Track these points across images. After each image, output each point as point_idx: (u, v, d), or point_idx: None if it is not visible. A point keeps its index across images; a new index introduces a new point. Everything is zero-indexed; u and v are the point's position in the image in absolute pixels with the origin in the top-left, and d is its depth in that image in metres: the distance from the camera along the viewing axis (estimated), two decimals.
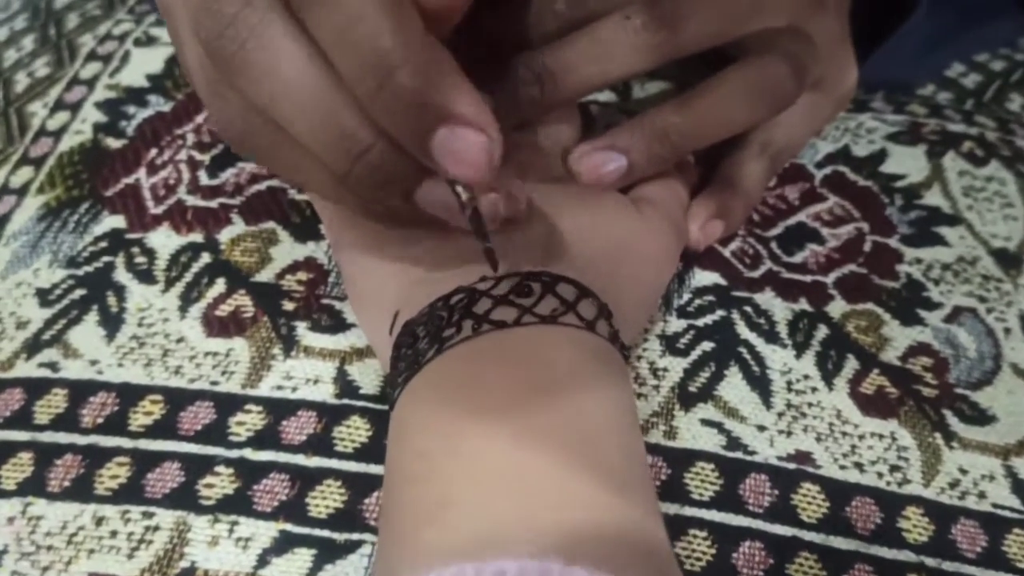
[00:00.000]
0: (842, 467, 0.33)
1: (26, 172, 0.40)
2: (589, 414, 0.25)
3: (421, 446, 0.25)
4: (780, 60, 0.34)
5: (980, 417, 0.35)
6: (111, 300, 0.36)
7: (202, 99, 0.27)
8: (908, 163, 0.43)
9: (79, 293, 0.36)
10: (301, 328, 0.35)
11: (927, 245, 0.40)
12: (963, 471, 0.33)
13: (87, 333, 0.35)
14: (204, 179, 0.39)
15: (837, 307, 0.37)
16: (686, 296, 0.37)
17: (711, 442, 0.33)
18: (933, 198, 0.42)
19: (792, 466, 0.33)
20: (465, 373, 0.26)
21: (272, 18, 0.23)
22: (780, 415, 0.34)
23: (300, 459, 0.32)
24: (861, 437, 0.34)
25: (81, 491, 0.31)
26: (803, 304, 0.37)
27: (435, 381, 0.27)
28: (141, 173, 0.39)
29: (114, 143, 0.41)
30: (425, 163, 0.24)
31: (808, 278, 0.38)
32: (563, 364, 0.26)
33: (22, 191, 0.39)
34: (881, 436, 0.34)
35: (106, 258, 0.37)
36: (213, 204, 0.38)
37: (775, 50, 0.34)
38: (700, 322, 0.36)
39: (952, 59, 0.50)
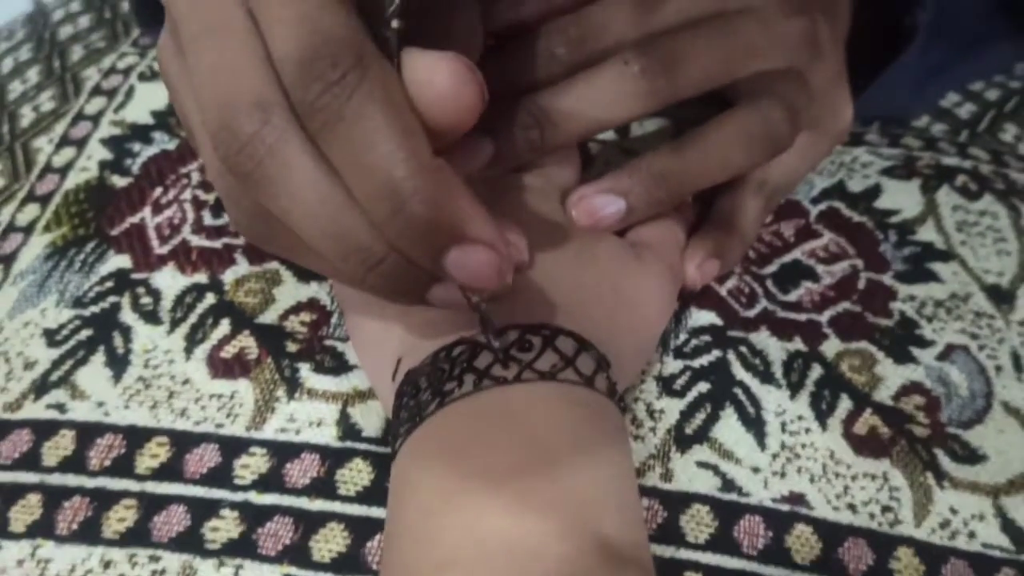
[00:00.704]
0: (835, 508, 0.34)
1: (32, 210, 0.41)
2: (588, 480, 0.26)
3: (424, 503, 0.26)
4: (775, 105, 0.34)
5: (971, 456, 0.35)
6: (117, 341, 0.36)
7: (221, 198, 0.27)
8: (902, 198, 0.43)
9: (86, 334, 0.37)
10: (304, 370, 0.36)
11: (920, 281, 0.40)
12: (954, 511, 0.34)
13: (94, 374, 0.36)
14: (208, 219, 0.40)
15: (831, 346, 0.38)
16: (683, 336, 0.37)
17: (706, 484, 0.34)
18: (927, 233, 0.42)
19: (786, 508, 0.33)
20: (467, 431, 0.27)
21: (289, 138, 0.23)
22: (775, 456, 0.34)
23: (304, 502, 0.32)
24: (854, 478, 0.34)
25: (89, 534, 0.32)
26: (798, 343, 0.38)
27: (437, 436, 0.27)
28: (146, 212, 0.40)
29: (120, 181, 0.41)
30: (438, 274, 0.25)
31: (803, 316, 0.39)
32: (562, 426, 0.27)
33: (28, 229, 0.40)
34: (874, 476, 0.34)
35: (112, 298, 0.38)
36: (217, 244, 0.39)
37: (771, 95, 0.34)
38: (696, 363, 0.37)
39: (947, 89, 0.50)
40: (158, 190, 0.41)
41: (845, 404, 0.36)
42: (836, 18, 0.38)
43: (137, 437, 0.34)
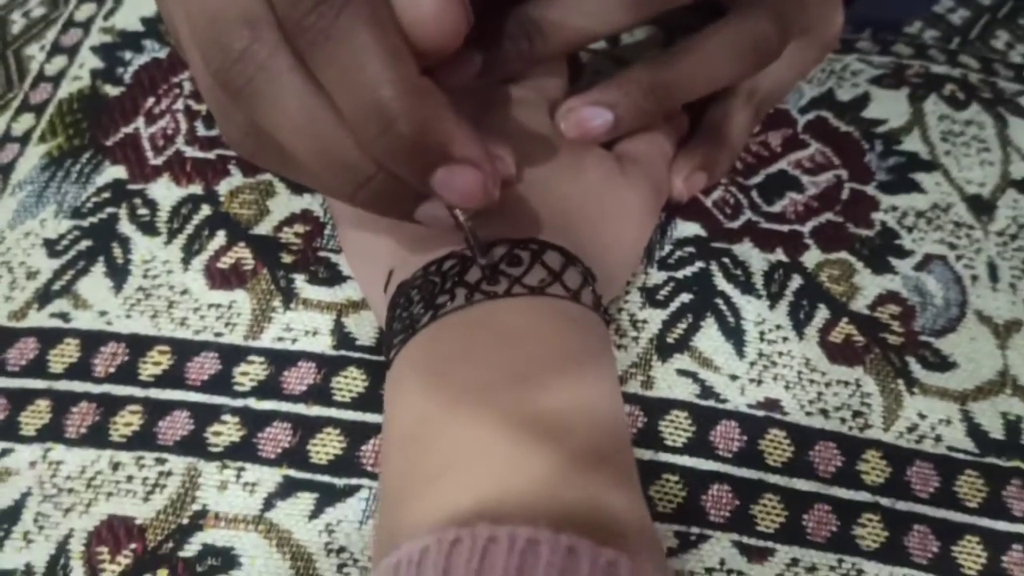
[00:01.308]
0: (808, 413, 0.35)
1: (27, 119, 0.41)
2: (572, 391, 0.28)
3: (421, 410, 0.28)
4: (765, 16, 0.34)
5: (941, 363, 0.37)
6: (116, 252, 0.37)
7: (212, 112, 0.28)
8: (890, 107, 0.44)
9: (85, 244, 0.38)
10: (299, 281, 0.37)
11: (903, 192, 0.41)
12: (922, 416, 0.36)
13: (95, 284, 0.37)
14: (201, 129, 0.40)
15: (812, 257, 0.39)
16: (667, 248, 0.38)
17: (686, 391, 0.35)
18: (912, 143, 0.43)
19: (761, 413, 0.35)
20: (460, 343, 0.28)
21: (279, 55, 0.23)
22: (752, 364, 0.36)
23: (301, 408, 0.34)
24: (828, 385, 0.36)
25: (97, 437, 0.34)
26: (779, 254, 0.39)
27: (431, 347, 0.29)
28: (140, 122, 0.41)
29: (112, 90, 0.42)
30: (425, 192, 0.25)
31: (786, 228, 0.39)
32: (549, 340, 0.28)
33: (24, 139, 0.41)
34: (847, 383, 0.36)
35: (110, 209, 0.38)
36: (211, 155, 0.39)
37: (760, 5, 0.34)
38: (680, 274, 0.38)
39: None
40: (150, 100, 0.41)
41: (822, 313, 0.38)
42: None
43: (139, 345, 0.35)
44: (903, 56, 0.46)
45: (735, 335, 0.37)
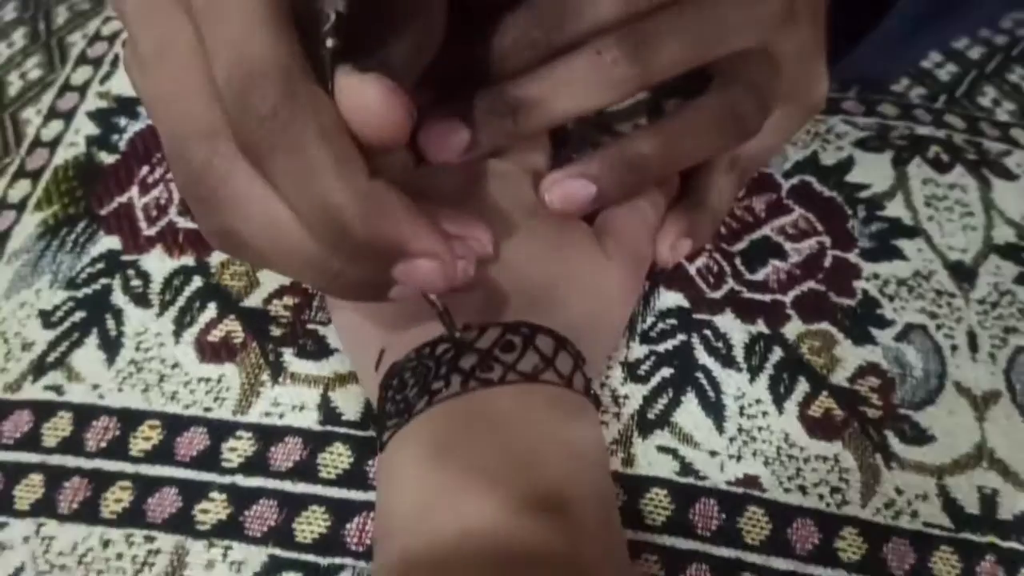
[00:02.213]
0: (786, 490, 0.36)
1: (24, 186, 0.42)
2: (564, 476, 0.29)
3: (419, 499, 0.29)
4: (744, 91, 0.35)
5: (919, 437, 0.37)
6: (110, 323, 0.38)
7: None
8: (874, 172, 0.44)
9: (79, 315, 0.38)
10: (288, 354, 0.37)
11: (885, 259, 0.42)
12: (899, 491, 0.36)
13: (88, 356, 0.38)
14: None
15: (793, 328, 0.39)
16: (650, 319, 0.39)
17: (666, 468, 0.36)
18: (895, 209, 0.43)
19: (740, 490, 0.35)
20: (457, 430, 0.29)
21: (237, 167, 0.24)
22: (732, 440, 0.36)
23: (287, 485, 0.35)
24: (806, 460, 0.36)
25: (89, 513, 0.34)
26: (760, 326, 0.39)
27: (428, 433, 0.30)
28: (134, 192, 0.41)
29: (107, 158, 0.42)
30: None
31: (768, 297, 0.40)
32: (543, 429, 0.30)
33: (21, 206, 0.41)
34: (825, 458, 0.36)
35: (104, 280, 0.39)
36: None
37: (741, 79, 0.35)
38: (661, 347, 0.38)
39: (930, 48, 0.50)
40: (144, 168, 0.42)
41: (802, 387, 0.38)
42: None
43: (131, 420, 0.36)
44: (888, 117, 0.47)
45: (715, 410, 0.37)
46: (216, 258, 0.40)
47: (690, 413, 0.37)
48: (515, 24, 0.34)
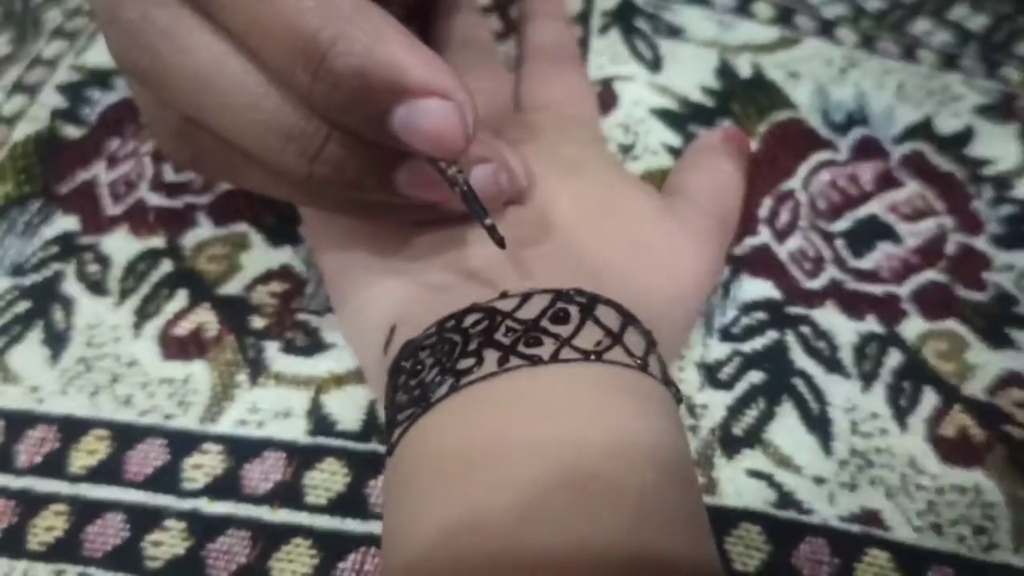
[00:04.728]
0: (916, 528, 0.27)
1: None
2: (655, 506, 0.20)
3: (441, 521, 0.20)
4: None
5: None
6: (58, 315, 0.31)
7: (147, 126, 0.24)
8: (998, 145, 0.36)
9: (24, 306, 0.31)
10: (272, 350, 0.30)
11: (1020, 248, 0.33)
12: None
13: (29, 353, 0.30)
14: (169, 174, 0.34)
15: (912, 326, 0.31)
16: (731, 313, 0.31)
17: (759, 498, 0.27)
18: None
19: (856, 528, 0.27)
20: (492, 426, 0.21)
21: (180, 15, 0.20)
22: (843, 464, 0.28)
23: (264, 512, 0.27)
24: (940, 491, 0.28)
25: (11, 544, 0.27)
26: (872, 323, 0.31)
27: (452, 429, 0.21)
28: (100, 167, 0.34)
29: (73, 132, 0.36)
30: (393, 146, 0.20)
31: (879, 289, 0.32)
32: (614, 424, 0.21)
33: None
34: (963, 490, 0.28)
35: (56, 265, 0.32)
36: (178, 203, 0.33)
37: None
38: (747, 347, 0.30)
39: None
40: (115, 141, 0.35)
41: (929, 399, 0.30)
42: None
43: (73, 429, 0.29)
44: (1011, 83, 0.39)
45: (820, 426, 0.29)
46: (191, 239, 0.32)
47: (788, 429, 0.29)
48: None
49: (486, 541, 0.19)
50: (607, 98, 0.36)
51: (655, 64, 0.37)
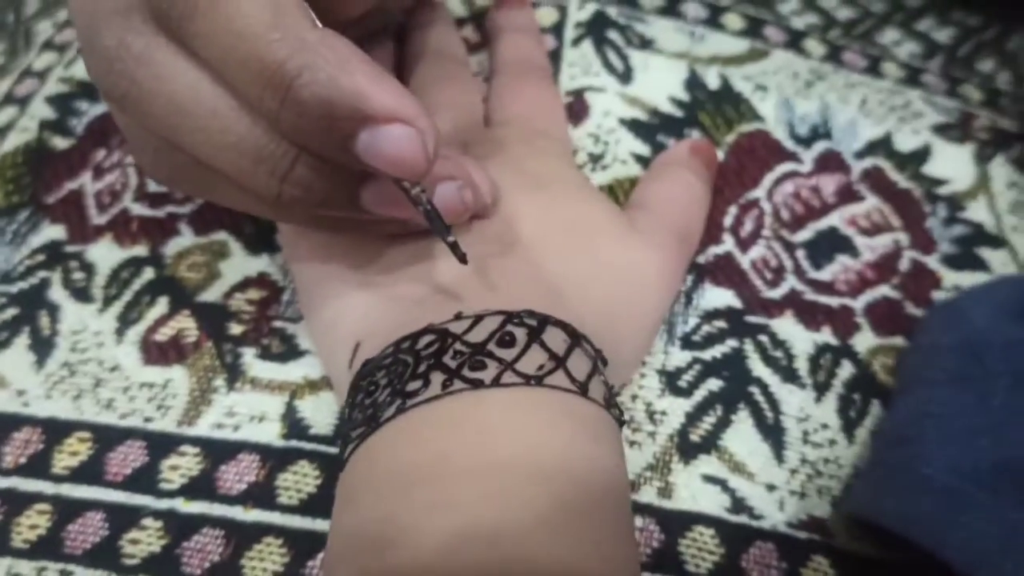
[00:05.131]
0: (856, 538, 0.28)
1: None
2: (575, 529, 0.21)
3: (375, 531, 0.21)
4: None
5: None
6: (43, 321, 0.32)
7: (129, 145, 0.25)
8: (954, 165, 0.38)
9: (11, 313, 0.32)
10: (248, 356, 0.31)
11: (968, 269, 0.35)
12: None
13: (16, 358, 0.31)
14: (153, 185, 0.35)
15: (863, 340, 0.32)
16: (692, 321, 0.32)
17: (713, 503, 0.28)
18: (978, 212, 0.36)
19: (803, 535, 0.28)
20: (431, 446, 0.22)
21: (156, 43, 0.20)
22: (793, 472, 0.29)
23: (237, 512, 0.28)
24: None
25: None
26: (826, 335, 0.32)
27: (395, 448, 0.22)
28: (86, 177, 0.35)
29: (61, 143, 0.37)
30: (358, 167, 0.21)
31: (835, 301, 0.33)
32: (545, 449, 0.22)
33: None
34: None
35: (42, 273, 0.33)
36: (160, 213, 0.34)
37: None
38: (707, 355, 0.31)
39: None
40: (101, 152, 0.36)
41: (876, 411, 0.31)
42: None
43: (57, 431, 0.30)
44: (971, 102, 0.40)
45: (774, 434, 0.30)
46: (172, 248, 0.33)
47: (743, 436, 0.30)
48: None
49: (412, 559, 0.20)
50: (578, 108, 0.37)
51: (626, 75, 0.38)
